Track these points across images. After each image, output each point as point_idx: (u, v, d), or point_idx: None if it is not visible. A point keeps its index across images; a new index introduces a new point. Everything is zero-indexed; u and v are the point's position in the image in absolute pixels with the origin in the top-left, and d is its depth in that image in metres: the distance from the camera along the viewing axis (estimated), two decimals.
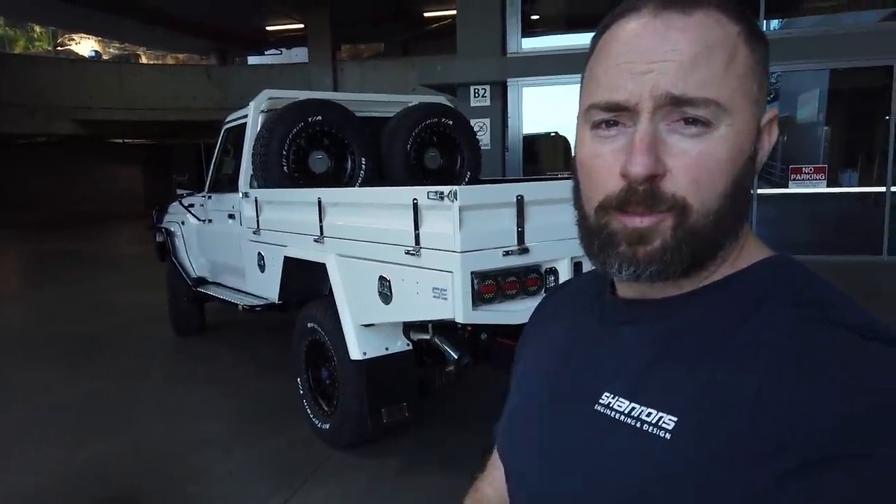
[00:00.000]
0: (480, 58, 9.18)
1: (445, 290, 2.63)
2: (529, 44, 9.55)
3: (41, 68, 17.82)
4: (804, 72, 8.85)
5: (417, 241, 2.75)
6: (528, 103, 9.38)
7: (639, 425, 0.56)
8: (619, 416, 0.58)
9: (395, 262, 2.91)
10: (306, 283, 3.91)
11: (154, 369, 5.25)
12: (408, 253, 2.79)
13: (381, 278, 3.02)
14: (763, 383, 0.50)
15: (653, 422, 0.55)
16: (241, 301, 4.59)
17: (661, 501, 0.53)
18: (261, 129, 4.32)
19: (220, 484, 3.30)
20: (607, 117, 0.57)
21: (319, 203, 3.50)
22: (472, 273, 2.59)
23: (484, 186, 3.58)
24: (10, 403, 4.50)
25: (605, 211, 0.58)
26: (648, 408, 0.56)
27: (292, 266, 3.88)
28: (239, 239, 4.60)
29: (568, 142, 9.89)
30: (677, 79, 0.54)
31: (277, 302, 4.19)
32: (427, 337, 3.19)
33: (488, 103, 9.22)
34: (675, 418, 0.54)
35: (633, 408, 0.57)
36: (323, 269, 3.48)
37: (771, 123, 0.60)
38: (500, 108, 9.30)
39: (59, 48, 26.27)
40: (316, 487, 3.20)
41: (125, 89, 18.05)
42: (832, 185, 8.53)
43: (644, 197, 0.55)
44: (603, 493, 0.57)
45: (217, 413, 4.25)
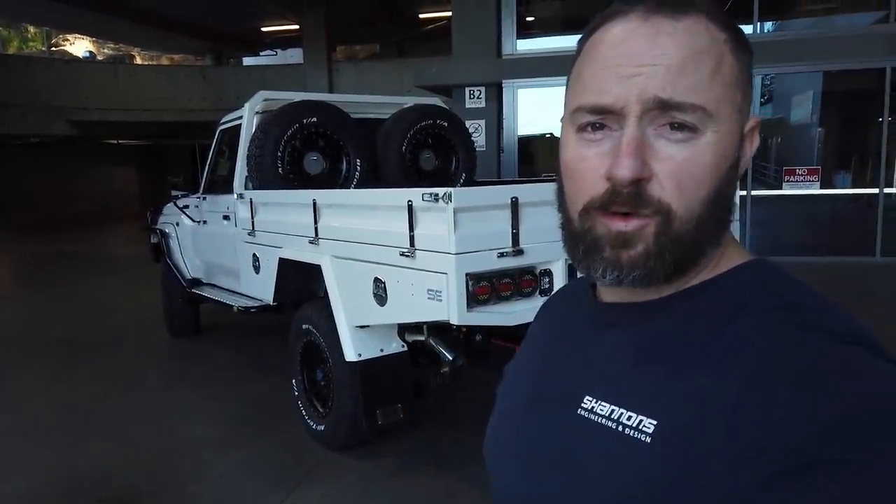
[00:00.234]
0: (476, 59, 9.20)
1: (440, 291, 2.63)
2: (524, 45, 9.57)
3: (35, 69, 17.74)
4: (798, 74, 8.90)
5: (412, 243, 2.75)
6: (522, 105, 9.40)
7: (620, 429, 0.56)
8: (601, 419, 0.58)
9: (389, 263, 2.91)
10: (301, 284, 3.90)
11: (149, 371, 5.24)
12: (402, 255, 2.80)
13: (376, 280, 3.02)
14: (742, 388, 0.50)
15: (633, 425, 0.55)
16: (236, 302, 4.59)
17: None
18: (256, 130, 4.32)
19: (216, 485, 3.29)
20: (593, 120, 0.57)
21: (314, 204, 3.50)
22: (467, 274, 2.59)
23: (479, 188, 3.58)
24: (5, 405, 4.48)
25: (589, 213, 0.58)
26: (629, 411, 0.56)
27: (287, 267, 3.88)
28: (234, 240, 4.60)
29: None
30: (665, 83, 0.54)
31: (272, 303, 4.19)
32: (422, 338, 3.19)
33: (483, 105, 9.23)
34: (655, 422, 0.54)
35: (614, 411, 0.57)
36: (318, 270, 3.48)
37: (753, 131, 0.60)
38: (496, 110, 9.31)
39: (54, 49, 26.16)
40: (311, 489, 3.20)
41: (120, 90, 17.99)
42: (826, 186, 8.57)
43: (629, 199, 0.55)
44: (584, 496, 0.57)
45: (212, 414, 4.24)
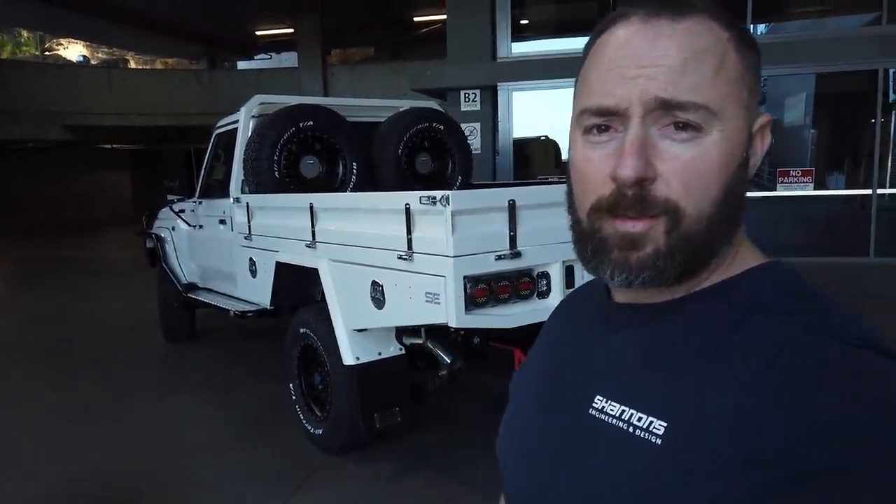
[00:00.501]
0: (470, 62, 9.21)
1: (438, 294, 2.63)
2: (519, 48, 9.59)
3: (29, 74, 17.71)
4: (791, 76, 8.93)
5: (410, 246, 2.75)
6: (518, 107, 9.41)
7: (630, 430, 0.56)
8: (611, 419, 0.58)
9: (387, 266, 2.91)
10: (298, 288, 3.90)
11: (145, 376, 5.22)
12: (400, 258, 2.80)
13: (374, 283, 3.02)
14: (750, 392, 0.50)
15: (644, 427, 0.55)
16: (233, 307, 4.58)
17: None
18: (252, 134, 4.32)
19: (214, 491, 3.29)
20: (598, 122, 0.58)
21: (311, 208, 3.50)
22: (465, 277, 2.59)
23: (476, 191, 3.59)
24: (1, 410, 4.46)
25: (597, 214, 0.59)
26: (639, 412, 0.56)
27: (284, 271, 3.87)
28: (230, 244, 4.59)
29: (558, 145, 9.93)
30: (667, 83, 0.54)
31: (269, 307, 4.18)
32: (420, 341, 3.19)
33: (478, 108, 9.24)
34: (665, 424, 0.54)
35: (624, 411, 0.58)
36: (315, 274, 3.48)
37: (763, 129, 0.60)
38: (491, 113, 9.32)
39: (47, 53, 26.08)
40: (309, 493, 3.19)
41: (114, 94, 17.96)
42: (819, 187, 8.61)
43: (634, 201, 0.56)
44: (593, 496, 0.57)
45: (209, 419, 4.23)
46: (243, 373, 5.17)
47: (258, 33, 20.85)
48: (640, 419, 0.56)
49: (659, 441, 0.53)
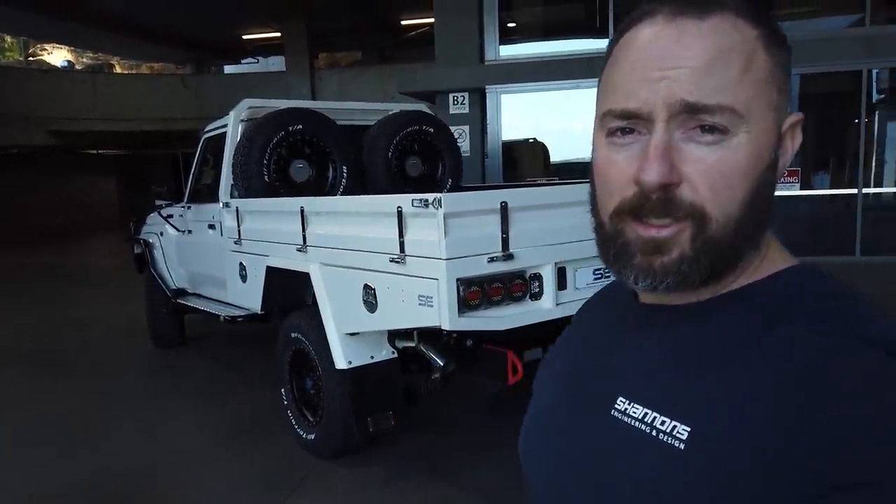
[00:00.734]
0: (459, 65, 9.22)
1: (431, 297, 2.63)
2: (507, 51, 9.60)
3: (13, 79, 17.50)
4: None
5: (402, 249, 2.75)
6: (506, 110, 9.43)
7: (653, 433, 0.55)
8: (634, 422, 0.57)
9: (379, 270, 2.90)
10: (289, 292, 3.88)
11: (134, 383, 5.17)
12: (392, 261, 2.79)
13: (366, 286, 3.01)
14: (778, 400, 0.49)
15: (667, 430, 0.54)
16: (223, 312, 4.55)
17: None
18: (241, 138, 4.29)
19: (206, 498, 3.26)
20: (622, 125, 0.57)
21: (302, 212, 3.48)
22: (458, 280, 2.59)
23: (468, 193, 3.60)
24: None
25: (620, 217, 0.58)
26: (663, 416, 0.55)
27: (275, 276, 3.85)
28: (220, 249, 4.56)
29: (546, 147, 9.97)
30: (691, 85, 0.53)
31: (260, 312, 4.16)
32: (412, 344, 3.18)
33: (467, 110, 9.24)
34: (689, 428, 0.53)
35: (647, 414, 0.57)
36: (306, 278, 3.46)
37: (793, 128, 0.59)
38: (479, 115, 9.33)
39: (31, 58, 25.84)
40: (301, 499, 3.17)
41: (99, 99, 17.80)
42: (805, 187, 8.68)
43: (658, 205, 0.54)
44: (615, 500, 0.57)
45: (201, 426, 4.19)
46: (234, 379, 5.13)
47: (245, 37, 20.73)
48: (663, 423, 0.55)
49: (682, 446, 0.52)
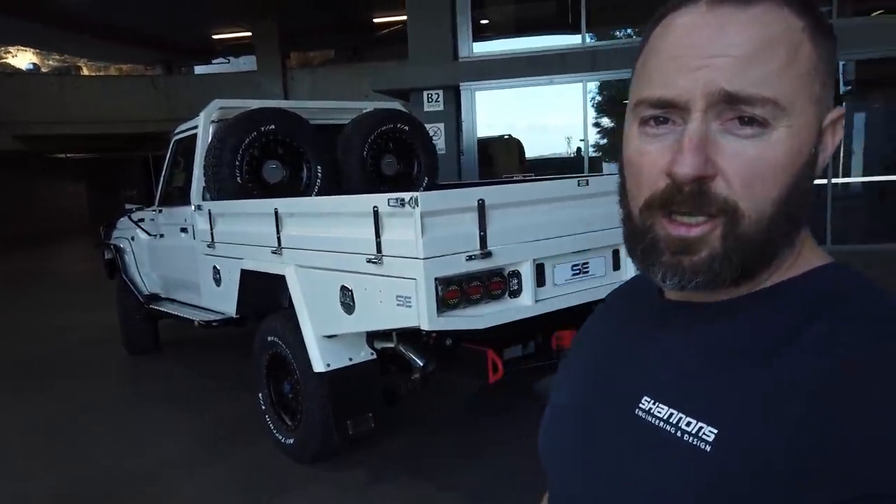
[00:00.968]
0: (432, 63, 9.20)
1: (409, 297, 2.60)
2: (480, 48, 9.60)
3: None
4: None
5: (379, 249, 2.71)
6: (481, 107, 9.44)
7: (679, 434, 0.53)
8: (659, 422, 0.56)
9: (356, 271, 2.87)
10: (265, 295, 3.82)
11: (107, 391, 5.06)
12: (370, 261, 2.76)
13: (343, 288, 2.97)
14: (810, 403, 0.47)
15: (693, 432, 0.52)
16: (197, 317, 4.47)
17: None
18: (212, 139, 4.22)
19: None
20: (656, 114, 0.55)
21: (276, 214, 3.43)
22: (436, 279, 2.56)
23: (445, 191, 3.57)
24: None
25: (651, 211, 0.56)
26: (689, 417, 0.53)
27: (250, 279, 3.79)
28: (193, 253, 4.48)
29: (521, 144, 10.00)
30: (733, 75, 0.51)
31: (235, 316, 4.10)
32: (391, 345, 3.15)
33: (442, 108, 9.23)
34: (716, 430, 0.51)
35: (673, 414, 0.55)
36: (282, 281, 3.41)
37: (835, 124, 0.56)
38: (454, 113, 9.32)
39: None
40: None
41: (67, 102, 17.47)
42: None
43: (690, 198, 0.53)
44: (637, 499, 0.55)
45: (176, 433, 4.11)
46: (210, 384, 5.06)
47: (215, 37, 20.48)
48: (688, 424, 0.53)
49: (708, 448, 0.51)
